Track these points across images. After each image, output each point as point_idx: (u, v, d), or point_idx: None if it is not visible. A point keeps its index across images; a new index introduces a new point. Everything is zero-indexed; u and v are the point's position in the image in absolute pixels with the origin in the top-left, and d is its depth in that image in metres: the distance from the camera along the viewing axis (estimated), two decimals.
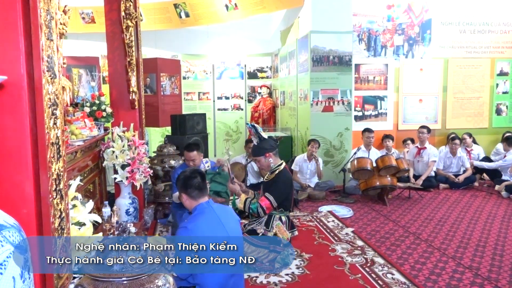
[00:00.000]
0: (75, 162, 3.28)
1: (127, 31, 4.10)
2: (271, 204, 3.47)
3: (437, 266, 3.46)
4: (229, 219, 2.56)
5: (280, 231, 3.51)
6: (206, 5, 7.58)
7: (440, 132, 7.28)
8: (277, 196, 3.48)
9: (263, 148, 3.59)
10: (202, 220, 2.45)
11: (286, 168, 3.68)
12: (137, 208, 4.14)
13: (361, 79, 7.06)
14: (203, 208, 2.50)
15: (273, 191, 3.50)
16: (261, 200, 3.49)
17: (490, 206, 5.34)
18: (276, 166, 3.60)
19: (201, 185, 2.52)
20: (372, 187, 5.51)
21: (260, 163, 3.64)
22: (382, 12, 7.01)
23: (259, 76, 9.12)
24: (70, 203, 2.13)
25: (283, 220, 3.57)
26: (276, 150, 3.65)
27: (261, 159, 3.59)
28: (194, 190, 2.51)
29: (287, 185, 3.58)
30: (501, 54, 7.39)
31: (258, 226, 3.54)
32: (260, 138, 3.64)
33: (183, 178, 2.56)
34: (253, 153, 3.71)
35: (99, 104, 4.20)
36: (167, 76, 6.38)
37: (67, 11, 3.10)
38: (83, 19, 7.91)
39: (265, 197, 3.49)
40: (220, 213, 2.52)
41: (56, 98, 1.79)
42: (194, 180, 2.50)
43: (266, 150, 3.58)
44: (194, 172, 2.57)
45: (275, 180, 3.55)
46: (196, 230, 2.38)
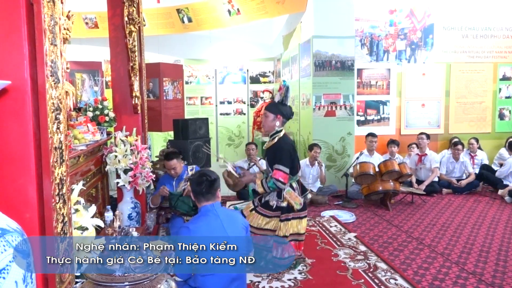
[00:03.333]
0: (78, 167, 3.29)
1: (130, 36, 4.11)
2: (285, 172, 3.36)
3: (440, 271, 3.45)
4: (233, 223, 2.56)
5: (292, 197, 3.41)
6: (209, 10, 7.61)
7: (443, 137, 7.27)
8: (287, 163, 3.38)
9: (279, 109, 3.48)
10: (204, 221, 2.50)
11: (286, 135, 3.59)
12: (139, 212, 4.14)
13: (364, 83, 7.06)
14: (206, 210, 2.55)
15: (280, 159, 3.39)
16: (274, 174, 3.37)
17: (494, 211, 5.32)
18: (276, 132, 3.51)
19: (205, 189, 2.54)
20: (374, 192, 5.49)
21: (266, 120, 3.52)
22: (384, 17, 7.03)
23: (262, 80, 9.13)
24: (72, 207, 2.14)
25: (294, 186, 3.49)
26: (287, 121, 3.59)
27: (270, 116, 3.47)
28: (199, 193, 2.56)
29: (291, 149, 3.49)
30: (504, 58, 7.38)
31: (270, 198, 3.48)
32: (283, 100, 3.51)
33: (192, 180, 2.63)
34: (268, 107, 3.59)
35: (102, 109, 4.21)
36: (170, 80, 6.40)
37: (71, 16, 3.12)
38: (87, 24, 7.96)
39: (276, 170, 3.37)
40: (224, 217, 2.54)
41: (60, 102, 1.80)
42: (199, 184, 2.55)
43: (281, 113, 3.47)
44: (201, 176, 2.59)
45: (278, 147, 3.45)
46: (196, 231, 2.43)
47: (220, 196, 2.66)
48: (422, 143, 6.38)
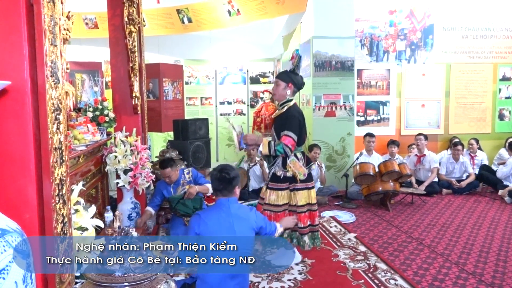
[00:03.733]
0: (78, 167, 3.29)
1: (130, 36, 4.12)
2: (294, 140, 3.37)
3: (440, 271, 3.44)
4: (243, 222, 2.61)
5: (296, 166, 3.43)
6: (209, 11, 7.62)
7: (443, 137, 7.27)
8: (295, 131, 3.38)
9: (291, 78, 3.49)
10: (215, 213, 2.62)
11: (296, 104, 3.58)
12: (139, 213, 4.14)
13: (364, 84, 7.06)
14: (221, 203, 2.65)
15: (290, 126, 3.38)
16: (283, 139, 3.37)
17: (494, 211, 5.32)
18: (287, 100, 3.51)
19: (222, 186, 2.63)
20: (374, 192, 5.49)
21: (277, 89, 3.53)
22: (384, 17, 7.03)
23: (262, 81, 9.13)
24: (72, 208, 2.14)
25: (299, 156, 3.49)
26: (298, 91, 3.59)
27: (282, 84, 3.49)
28: (217, 188, 2.67)
29: (300, 118, 3.48)
30: (504, 59, 7.38)
31: (276, 168, 3.49)
32: (295, 69, 3.51)
33: (212, 174, 2.72)
34: (279, 75, 3.61)
35: (102, 109, 4.21)
36: (170, 81, 6.40)
37: (71, 16, 3.12)
38: (86, 25, 7.96)
39: (286, 135, 3.37)
40: (235, 214, 2.61)
41: (60, 103, 1.80)
42: (217, 180, 2.64)
43: (293, 81, 3.48)
44: (220, 172, 2.65)
45: (287, 115, 3.44)
46: (206, 220, 2.56)
47: (238, 192, 2.71)
48: (420, 144, 6.39)
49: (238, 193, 2.73)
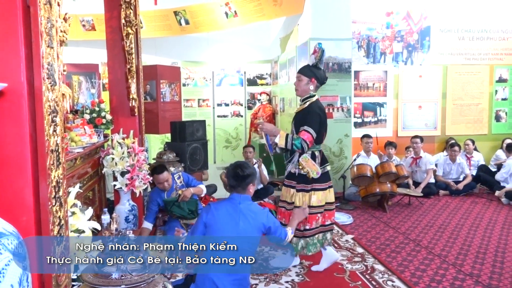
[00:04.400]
0: (75, 169, 3.28)
1: (127, 38, 4.11)
2: (312, 136, 3.26)
3: (437, 273, 3.45)
4: (250, 220, 2.60)
5: (308, 164, 3.30)
6: (206, 13, 7.62)
7: (440, 138, 7.29)
8: (315, 128, 3.28)
9: (314, 73, 3.38)
10: (225, 206, 2.65)
11: (319, 100, 3.47)
12: (136, 215, 4.13)
13: (361, 85, 7.07)
14: (232, 197, 2.68)
15: (310, 122, 3.28)
16: (302, 134, 3.26)
17: (490, 212, 5.33)
18: (309, 96, 3.41)
19: (235, 183, 2.66)
20: (372, 193, 5.50)
21: (299, 84, 3.41)
22: (381, 19, 7.05)
23: (259, 83, 9.14)
24: (69, 210, 2.13)
25: (316, 154, 3.37)
26: (320, 86, 3.47)
27: (304, 80, 3.38)
28: (230, 184, 2.71)
29: (322, 115, 3.38)
30: (500, 60, 7.41)
31: (292, 166, 3.41)
32: (317, 63, 3.40)
33: (227, 170, 2.75)
34: (302, 69, 3.48)
35: (99, 111, 4.20)
36: (167, 83, 6.39)
37: (68, 18, 3.11)
38: (84, 27, 7.95)
39: (305, 131, 3.26)
40: (244, 211, 2.61)
41: (56, 105, 1.80)
42: (231, 176, 2.67)
43: (316, 76, 3.37)
44: (235, 169, 2.67)
45: (309, 111, 3.34)
46: (215, 210, 2.62)
47: (252, 191, 2.71)
48: (417, 147, 6.41)
49: (252, 191, 2.72)
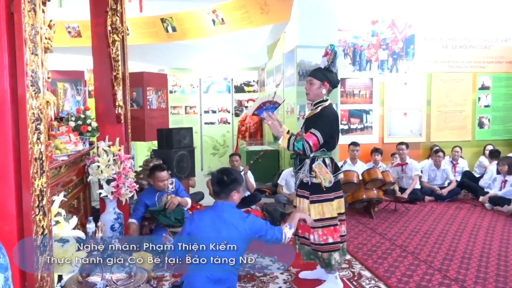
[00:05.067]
0: (59, 177, 3.23)
1: (114, 45, 4.09)
2: (318, 140, 3.07)
3: (423, 278, 3.48)
4: (232, 229, 2.54)
5: (321, 172, 3.14)
6: (193, 20, 7.63)
7: (425, 145, 7.38)
8: (324, 132, 3.09)
9: (326, 76, 3.23)
10: (207, 213, 2.62)
11: (332, 105, 3.31)
12: (122, 223, 4.08)
13: (347, 93, 7.14)
14: (215, 205, 2.64)
15: (319, 126, 3.11)
16: (307, 136, 3.09)
17: (475, 218, 5.41)
18: (321, 100, 3.26)
19: (218, 188, 2.62)
20: (358, 200, 5.53)
21: (311, 88, 3.25)
22: (367, 27, 7.14)
23: (246, 90, 9.17)
24: (53, 219, 2.10)
25: (327, 162, 3.19)
26: (333, 89, 3.33)
27: (316, 83, 3.23)
28: (214, 190, 2.67)
29: (334, 121, 3.25)
30: (482, 68, 7.56)
31: (303, 175, 3.24)
32: (329, 66, 3.27)
33: (212, 175, 2.72)
34: (313, 73, 3.31)
35: (85, 119, 4.16)
36: (154, 90, 6.37)
37: (53, 25, 3.09)
38: (69, 33, 7.89)
39: (311, 133, 3.09)
40: (226, 218, 2.56)
41: (40, 112, 1.78)
42: (215, 182, 2.64)
43: (328, 80, 3.23)
44: (219, 174, 2.64)
45: (321, 115, 3.18)
46: (197, 219, 2.59)
47: (236, 198, 2.65)
48: (402, 153, 6.48)
49: (237, 199, 2.65)
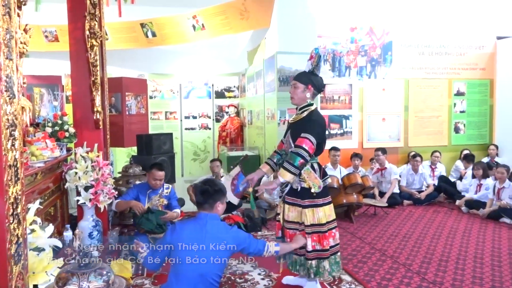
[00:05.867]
0: (35, 185, 3.17)
1: (92, 50, 4.05)
2: (312, 142, 3.00)
3: (402, 281, 3.52)
4: (217, 240, 2.53)
5: (310, 177, 3.09)
6: (173, 25, 7.61)
7: (403, 150, 7.50)
8: (314, 134, 3.03)
9: (310, 79, 3.17)
10: (191, 225, 2.61)
11: (317, 110, 3.28)
12: (101, 231, 4.02)
13: (327, 98, 7.21)
14: (199, 217, 2.62)
15: (311, 130, 3.05)
16: (299, 142, 3.01)
17: (452, 221, 5.52)
18: (307, 104, 3.21)
19: (202, 199, 2.62)
20: (338, 205, 5.56)
21: (295, 91, 3.21)
22: (346, 34, 7.24)
23: (227, 95, 9.17)
24: (28, 227, 2.05)
25: (315, 167, 3.15)
26: (318, 93, 3.30)
27: (300, 87, 3.18)
28: (198, 201, 2.66)
29: (322, 125, 3.22)
30: (458, 75, 7.76)
31: (295, 181, 3.13)
32: (314, 69, 3.21)
33: (196, 186, 2.75)
34: (297, 76, 3.27)
35: (62, 124, 4.09)
36: (133, 95, 6.31)
37: (29, 29, 3.04)
38: (46, 38, 7.76)
39: (303, 138, 3.01)
40: (210, 229, 2.55)
41: (15, 118, 1.74)
42: (199, 193, 2.64)
43: (313, 83, 3.17)
44: (203, 185, 2.65)
45: (309, 119, 3.14)
46: (179, 230, 2.57)
47: (220, 210, 2.65)
48: (379, 159, 6.58)
49: (221, 211, 2.65)
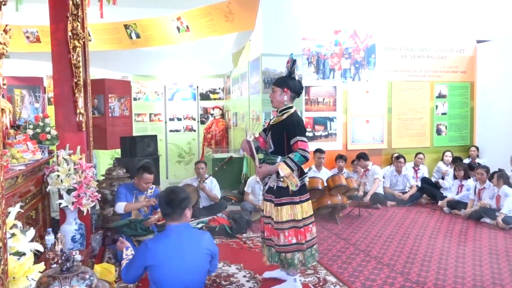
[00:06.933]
0: (16, 188, 3.10)
1: (74, 51, 3.98)
2: (306, 142, 3.21)
3: (386, 282, 3.56)
4: (196, 248, 2.49)
5: (288, 176, 3.19)
6: (157, 27, 7.55)
7: (387, 151, 7.59)
8: (303, 135, 3.24)
9: (287, 83, 3.36)
10: (163, 243, 2.45)
11: (297, 112, 3.44)
12: (83, 234, 3.95)
13: (311, 100, 7.25)
14: (170, 230, 2.49)
15: (300, 132, 3.23)
16: (300, 145, 3.17)
17: (434, 221, 5.60)
18: (287, 107, 3.37)
19: (171, 209, 2.47)
20: (323, 206, 5.60)
21: (273, 95, 3.39)
22: (330, 37, 7.30)
23: (212, 97, 9.14)
24: (8, 231, 2.01)
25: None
26: (296, 97, 3.45)
27: (277, 90, 3.36)
28: (165, 213, 2.51)
29: (304, 125, 3.39)
30: (439, 78, 7.89)
31: (271, 180, 3.30)
32: (290, 74, 3.40)
33: (160, 197, 2.58)
34: (275, 81, 3.47)
35: (43, 126, 4.02)
36: (116, 97, 6.24)
37: (9, 30, 2.97)
38: (28, 38, 7.62)
39: (300, 141, 3.18)
40: (186, 241, 2.46)
41: None
42: (165, 203, 2.49)
43: (289, 87, 3.34)
44: (168, 195, 2.49)
45: (290, 122, 3.27)
46: (153, 250, 2.41)
47: (189, 216, 2.55)
48: (360, 165, 6.66)
49: (190, 216, 2.57)
